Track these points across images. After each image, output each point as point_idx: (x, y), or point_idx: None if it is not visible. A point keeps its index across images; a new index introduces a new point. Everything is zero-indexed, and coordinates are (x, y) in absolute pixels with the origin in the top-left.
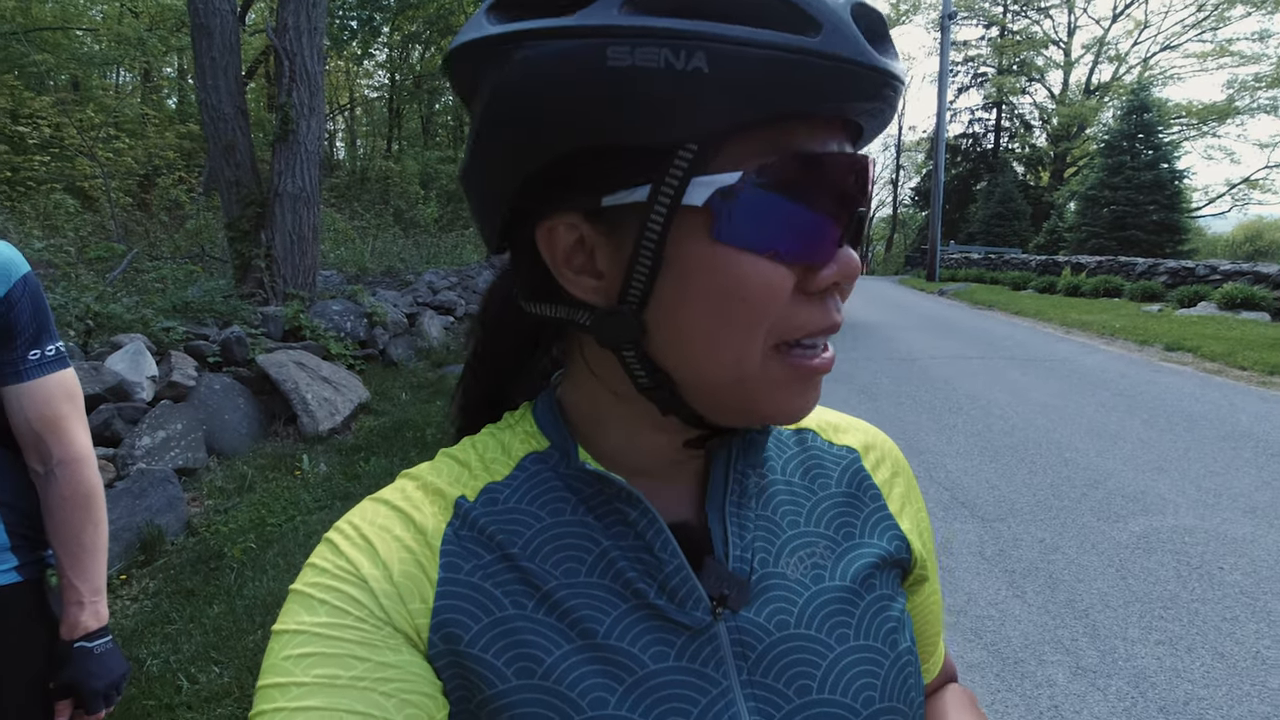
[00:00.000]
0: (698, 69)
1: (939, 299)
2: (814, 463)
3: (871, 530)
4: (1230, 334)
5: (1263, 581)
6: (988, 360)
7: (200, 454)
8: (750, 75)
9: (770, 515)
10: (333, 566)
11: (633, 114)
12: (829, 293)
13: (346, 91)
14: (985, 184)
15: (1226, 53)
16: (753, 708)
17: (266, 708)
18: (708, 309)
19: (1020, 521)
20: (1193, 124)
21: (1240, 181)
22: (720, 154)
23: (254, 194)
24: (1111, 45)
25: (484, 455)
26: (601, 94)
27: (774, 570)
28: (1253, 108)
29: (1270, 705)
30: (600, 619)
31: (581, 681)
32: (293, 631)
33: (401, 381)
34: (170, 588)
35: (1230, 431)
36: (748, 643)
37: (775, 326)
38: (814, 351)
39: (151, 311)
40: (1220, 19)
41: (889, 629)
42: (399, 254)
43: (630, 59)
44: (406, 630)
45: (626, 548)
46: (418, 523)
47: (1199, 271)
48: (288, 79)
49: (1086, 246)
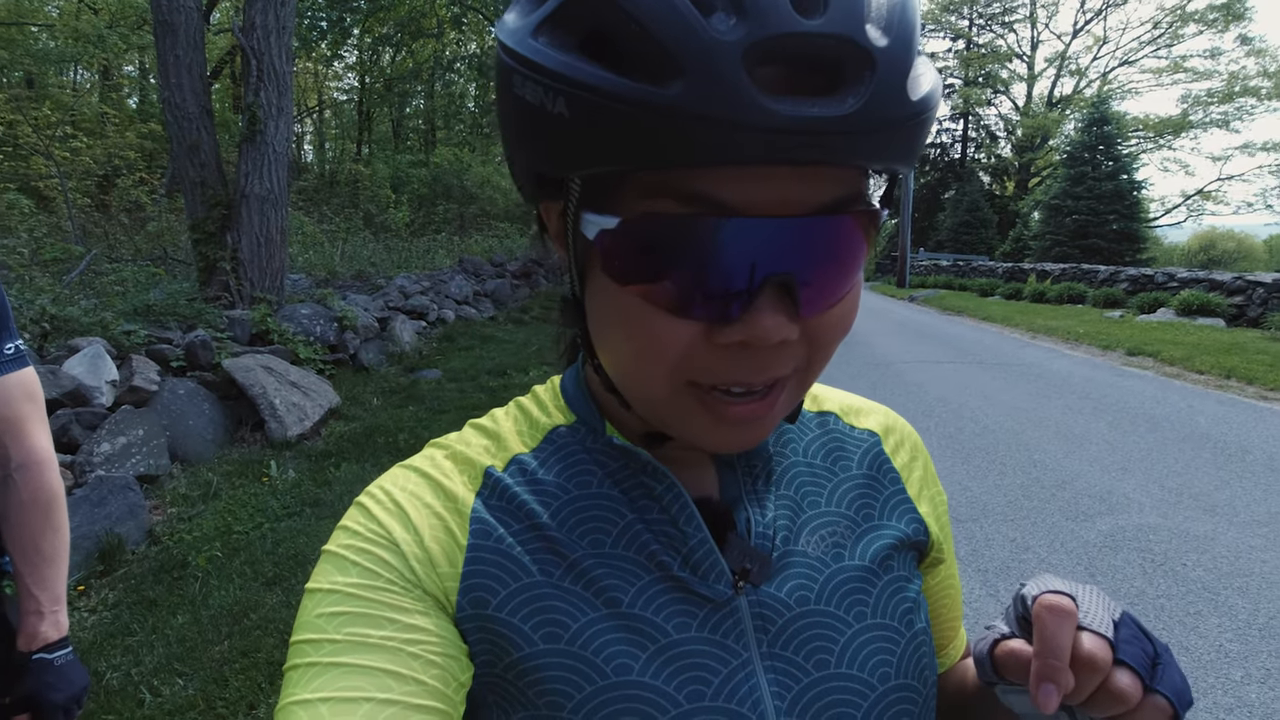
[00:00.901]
0: (560, 114)
1: (910, 305)
2: (835, 445)
3: (890, 512)
4: (1188, 339)
5: (1223, 577)
6: (958, 365)
7: (163, 460)
8: (603, 127)
9: (792, 495)
10: (365, 530)
11: (530, 141)
12: (745, 350)
13: (315, 93)
14: (953, 193)
15: (1180, 69)
16: (772, 679)
17: (300, 661)
18: (610, 332)
19: (992, 522)
20: (1150, 137)
21: (1195, 193)
22: (609, 193)
23: (219, 195)
24: (1073, 60)
25: (513, 427)
26: (509, 112)
27: (795, 548)
28: (1205, 122)
29: (1233, 697)
30: (625, 589)
31: (607, 648)
32: (326, 590)
33: (373, 386)
34: (131, 598)
35: (1190, 433)
36: (768, 616)
37: (680, 367)
38: (735, 398)
39: (111, 314)
40: (1174, 36)
41: (905, 609)
42: (369, 258)
43: (523, 90)
44: (436, 594)
45: (652, 521)
46: (448, 490)
47: (1158, 279)
48: (255, 79)
49: (1051, 254)
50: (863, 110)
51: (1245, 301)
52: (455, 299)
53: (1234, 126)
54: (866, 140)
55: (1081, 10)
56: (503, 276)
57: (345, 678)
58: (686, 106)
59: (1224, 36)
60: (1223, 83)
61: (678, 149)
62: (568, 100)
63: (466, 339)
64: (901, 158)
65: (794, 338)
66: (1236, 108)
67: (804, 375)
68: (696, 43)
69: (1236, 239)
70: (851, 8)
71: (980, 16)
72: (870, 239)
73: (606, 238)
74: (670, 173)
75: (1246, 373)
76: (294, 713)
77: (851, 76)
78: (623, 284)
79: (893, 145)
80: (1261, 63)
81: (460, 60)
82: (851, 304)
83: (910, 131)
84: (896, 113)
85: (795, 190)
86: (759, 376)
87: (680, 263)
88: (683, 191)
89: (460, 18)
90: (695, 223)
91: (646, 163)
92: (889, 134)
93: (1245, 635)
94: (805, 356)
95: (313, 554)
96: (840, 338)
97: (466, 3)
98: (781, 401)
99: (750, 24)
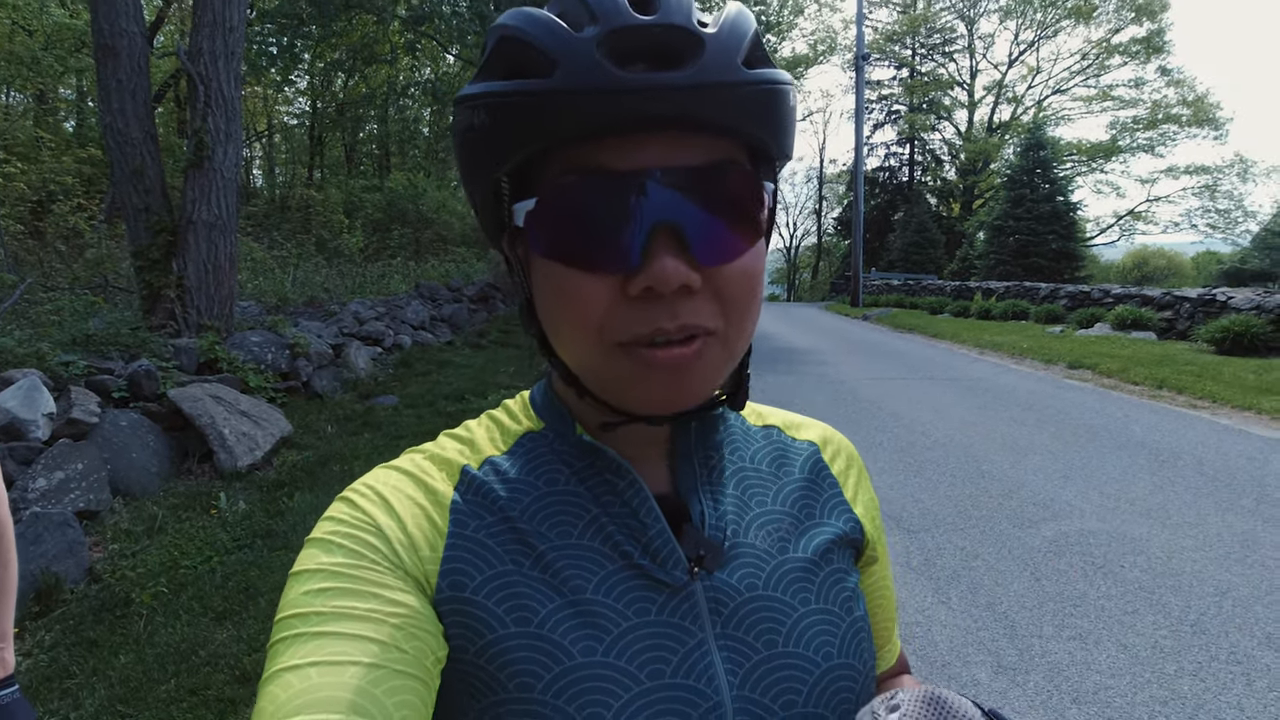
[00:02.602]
0: (483, 123)
1: (864, 323)
2: (779, 453)
3: (830, 512)
4: (1123, 352)
5: (1158, 577)
6: (910, 381)
7: (104, 495)
8: (509, 120)
9: (740, 495)
10: (349, 518)
11: (470, 157)
12: (657, 299)
13: (264, 118)
14: (902, 214)
15: (1108, 97)
16: (725, 657)
17: (287, 634)
18: (549, 309)
19: (943, 531)
20: (1083, 161)
21: (1126, 214)
22: (527, 181)
23: (164, 221)
24: (1009, 88)
25: (486, 434)
26: (459, 147)
27: (744, 540)
28: (1133, 147)
29: (1168, 690)
30: (590, 576)
31: (572, 632)
32: (311, 571)
33: (327, 414)
34: (70, 639)
35: (1126, 441)
36: (721, 600)
37: (605, 328)
38: (658, 347)
39: (48, 345)
40: (1101, 67)
41: (845, 597)
42: (322, 284)
43: (460, 121)
44: (417, 575)
45: (615, 514)
46: (428, 485)
47: (1094, 295)
48: (202, 104)
49: (995, 272)
50: (696, 74)
51: (1174, 316)
52: (412, 324)
53: (1159, 151)
54: (709, 97)
55: (1015, 42)
56: (460, 301)
57: (332, 644)
58: (560, 86)
59: (1146, 68)
60: (1147, 110)
61: (563, 120)
62: (486, 109)
63: (424, 364)
64: (756, 124)
65: (696, 283)
66: (1160, 134)
67: (725, 337)
68: (565, 44)
69: (1167, 256)
70: (680, 6)
71: (922, 46)
72: (761, 203)
73: (531, 218)
74: (570, 150)
75: (1177, 383)
76: (282, 677)
77: (688, 54)
78: (548, 256)
79: (736, 108)
80: (1180, 92)
81: (414, 86)
82: (754, 261)
83: (751, 98)
84: (728, 78)
85: (675, 154)
86: (673, 323)
87: (585, 224)
88: (582, 165)
89: (414, 44)
90: (592, 183)
91: (545, 139)
92: (725, 93)
93: (1178, 631)
94: (720, 314)
95: (265, 586)
96: (751, 296)
97: (420, 29)
98: (707, 356)
99: (601, 24)
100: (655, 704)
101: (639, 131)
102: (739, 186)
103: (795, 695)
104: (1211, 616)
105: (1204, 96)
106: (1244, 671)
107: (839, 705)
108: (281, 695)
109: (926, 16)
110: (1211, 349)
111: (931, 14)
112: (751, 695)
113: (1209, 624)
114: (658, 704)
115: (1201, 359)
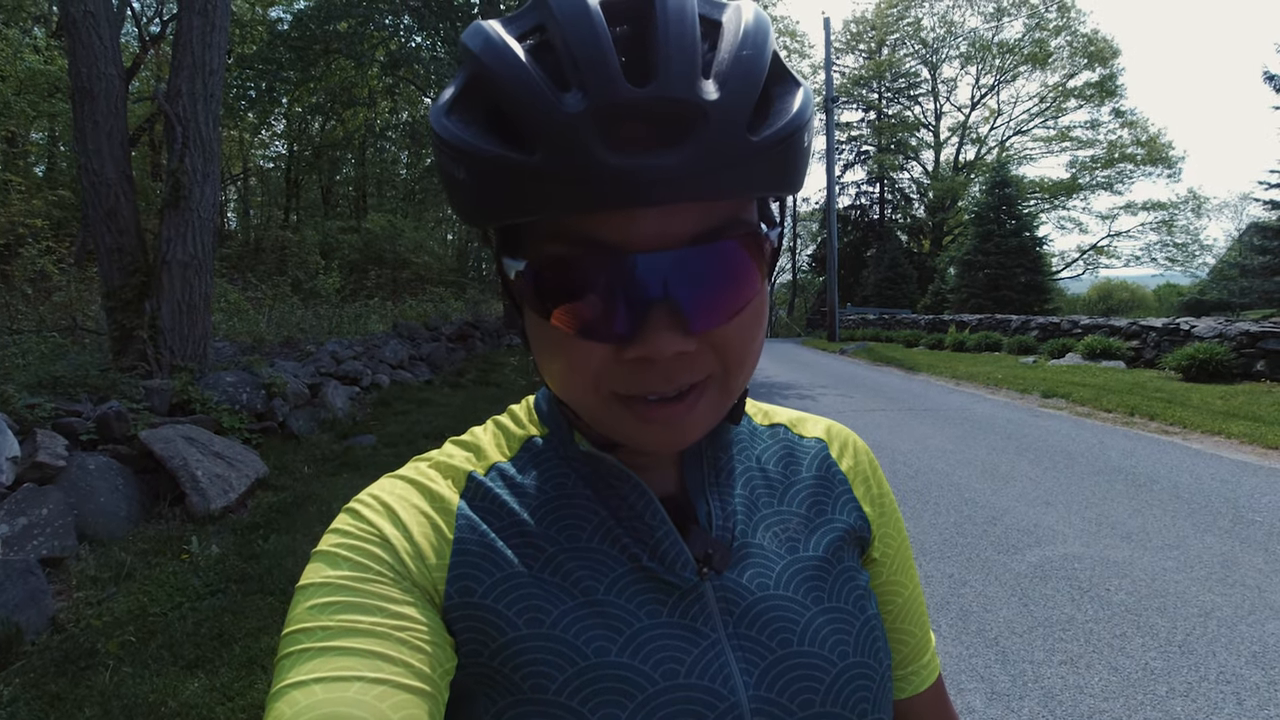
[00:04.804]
0: (463, 179)
1: (841, 357)
2: (787, 452)
3: (839, 510)
4: (1095, 380)
5: (1144, 599)
6: (889, 413)
7: (69, 541)
8: (489, 186)
9: (748, 495)
10: (355, 529)
11: (452, 202)
12: (652, 363)
13: (240, 160)
14: (874, 251)
15: (1067, 138)
16: (740, 657)
17: (292, 649)
18: (543, 357)
19: (930, 559)
20: (1046, 198)
21: (1089, 248)
22: (517, 239)
23: (138, 262)
24: (973, 129)
25: (491, 440)
26: (442, 181)
27: (752, 541)
28: (1092, 184)
29: (1161, 712)
30: (599, 579)
31: (585, 633)
32: (316, 585)
33: (303, 455)
34: (30, 693)
35: (1103, 467)
36: (732, 600)
37: (600, 382)
38: (653, 403)
39: (13, 388)
40: (1059, 109)
41: (857, 596)
42: (298, 324)
43: (441, 161)
44: (425, 585)
45: (622, 518)
46: (434, 493)
47: (1064, 326)
48: (180, 144)
49: (967, 306)
50: (697, 155)
51: (1141, 345)
52: (390, 363)
53: (1117, 189)
54: (710, 178)
55: (977, 86)
56: (438, 340)
57: (337, 659)
58: (544, 169)
59: (1101, 110)
60: (1104, 150)
61: (543, 202)
62: (465, 167)
63: (402, 403)
64: (769, 185)
65: (691, 349)
66: (1117, 172)
67: (724, 380)
68: (548, 119)
69: (1130, 289)
70: (681, 70)
71: (889, 90)
72: (761, 255)
73: (520, 278)
74: (560, 220)
75: (1148, 410)
76: (288, 694)
77: (689, 127)
78: (540, 315)
79: (747, 178)
80: (1134, 133)
81: (392, 129)
82: (752, 315)
83: (761, 161)
84: (735, 153)
85: (669, 225)
86: (668, 385)
87: (577, 295)
88: (571, 234)
89: (393, 88)
90: (583, 261)
91: (526, 214)
92: (730, 171)
93: (1167, 652)
94: (718, 363)
95: (239, 632)
96: (749, 344)
97: (399, 74)
98: (703, 404)
99: (591, 97)
100: (671, 704)
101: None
102: (742, 249)
103: (812, 695)
104: (1198, 637)
105: (1156, 137)
106: (1234, 690)
107: (856, 704)
108: (287, 712)
109: (891, 61)
110: (1179, 376)
111: (896, 59)
112: (768, 695)
113: (1196, 644)
114: (674, 704)
115: (1170, 386)
